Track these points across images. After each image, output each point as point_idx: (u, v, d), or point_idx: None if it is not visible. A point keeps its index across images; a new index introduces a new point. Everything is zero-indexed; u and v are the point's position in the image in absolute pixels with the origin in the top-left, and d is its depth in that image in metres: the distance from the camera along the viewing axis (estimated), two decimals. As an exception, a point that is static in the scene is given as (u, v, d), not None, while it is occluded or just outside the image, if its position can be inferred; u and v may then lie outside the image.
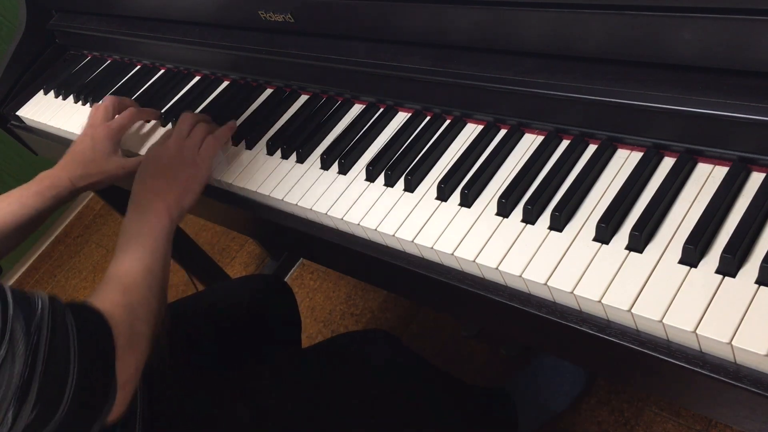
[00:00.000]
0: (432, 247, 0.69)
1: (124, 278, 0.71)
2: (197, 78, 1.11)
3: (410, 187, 0.77)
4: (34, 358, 0.54)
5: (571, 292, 0.60)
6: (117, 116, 0.97)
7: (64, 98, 1.25)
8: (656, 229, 0.61)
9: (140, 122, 1.05)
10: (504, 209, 0.69)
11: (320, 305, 1.76)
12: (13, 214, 0.87)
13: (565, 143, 0.73)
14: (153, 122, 1.06)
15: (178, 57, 1.15)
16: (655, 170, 0.66)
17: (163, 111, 1.08)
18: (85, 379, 0.58)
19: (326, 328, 1.70)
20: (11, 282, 2.38)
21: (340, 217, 0.77)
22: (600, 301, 0.58)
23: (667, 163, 0.66)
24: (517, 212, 0.69)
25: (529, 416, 1.25)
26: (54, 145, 1.21)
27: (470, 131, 0.80)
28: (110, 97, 1.00)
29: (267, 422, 0.85)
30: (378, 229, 0.74)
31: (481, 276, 0.68)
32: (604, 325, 0.60)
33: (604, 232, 0.62)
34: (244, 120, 0.98)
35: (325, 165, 0.85)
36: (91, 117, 0.97)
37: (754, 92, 0.59)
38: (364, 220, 0.76)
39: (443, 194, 0.74)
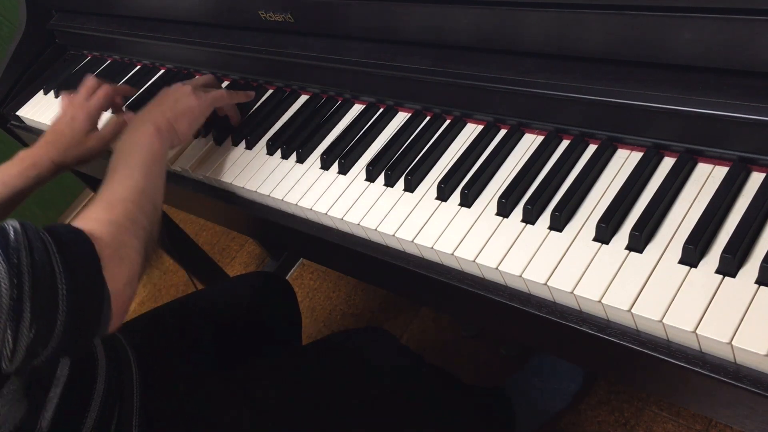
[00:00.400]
0: (432, 247, 0.69)
1: (110, 196, 0.72)
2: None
3: (410, 187, 0.77)
4: (20, 279, 0.55)
5: (571, 292, 0.60)
6: (94, 96, 0.99)
7: (64, 98, 1.25)
8: (656, 229, 0.61)
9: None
10: (504, 209, 0.69)
11: (320, 305, 1.76)
12: None
13: (565, 143, 0.73)
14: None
15: (178, 57, 1.15)
16: (655, 170, 0.66)
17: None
18: (75, 289, 0.58)
19: (326, 328, 1.70)
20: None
21: (340, 217, 0.77)
22: (600, 301, 0.58)
23: (667, 163, 0.66)
24: (517, 212, 0.69)
25: (528, 416, 1.25)
26: (54, 145, 1.21)
27: (470, 131, 0.80)
28: (91, 77, 1.01)
29: (267, 422, 0.85)
30: (378, 229, 0.74)
31: (481, 276, 0.68)
32: (604, 325, 0.60)
33: (604, 232, 0.62)
34: (244, 120, 0.98)
35: (325, 165, 0.85)
36: (77, 95, 1.00)
37: (754, 92, 0.59)
38: (364, 220, 0.76)
39: (443, 194, 0.74)
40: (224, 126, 0.97)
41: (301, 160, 0.87)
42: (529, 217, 0.67)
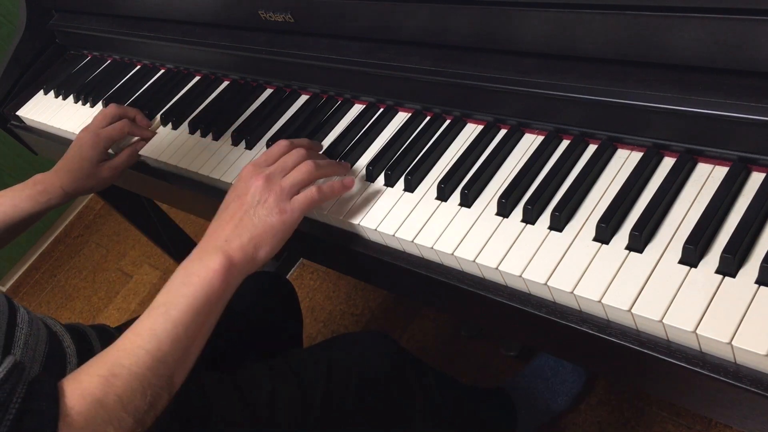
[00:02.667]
0: (432, 247, 0.69)
1: (122, 359, 0.59)
2: (197, 78, 1.11)
3: (410, 187, 0.77)
4: None
5: (571, 292, 0.60)
6: (109, 126, 0.99)
7: (64, 98, 1.25)
8: (656, 229, 0.61)
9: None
10: (504, 209, 0.69)
11: (320, 305, 1.76)
12: (5, 215, 0.90)
13: (565, 143, 0.73)
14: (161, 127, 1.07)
15: (178, 57, 1.15)
16: (655, 170, 0.66)
17: (162, 111, 1.08)
18: None
19: (326, 328, 1.70)
20: (11, 282, 2.38)
21: (340, 216, 0.77)
22: (600, 301, 0.58)
23: (667, 163, 0.66)
24: (517, 212, 0.69)
25: (528, 416, 1.25)
26: (54, 145, 1.21)
27: (470, 131, 0.80)
28: (114, 105, 1.02)
29: (265, 424, 0.84)
30: (378, 229, 0.74)
31: (481, 276, 0.68)
32: (604, 325, 0.60)
33: (604, 232, 0.62)
34: (244, 120, 0.98)
35: (325, 165, 0.84)
36: (93, 120, 0.99)
37: (754, 92, 0.59)
38: (364, 220, 0.76)
39: (443, 194, 0.74)
40: (224, 125, 0.98)
41: (301, 160, 0.87)
42: (529, 217, 0.67)
